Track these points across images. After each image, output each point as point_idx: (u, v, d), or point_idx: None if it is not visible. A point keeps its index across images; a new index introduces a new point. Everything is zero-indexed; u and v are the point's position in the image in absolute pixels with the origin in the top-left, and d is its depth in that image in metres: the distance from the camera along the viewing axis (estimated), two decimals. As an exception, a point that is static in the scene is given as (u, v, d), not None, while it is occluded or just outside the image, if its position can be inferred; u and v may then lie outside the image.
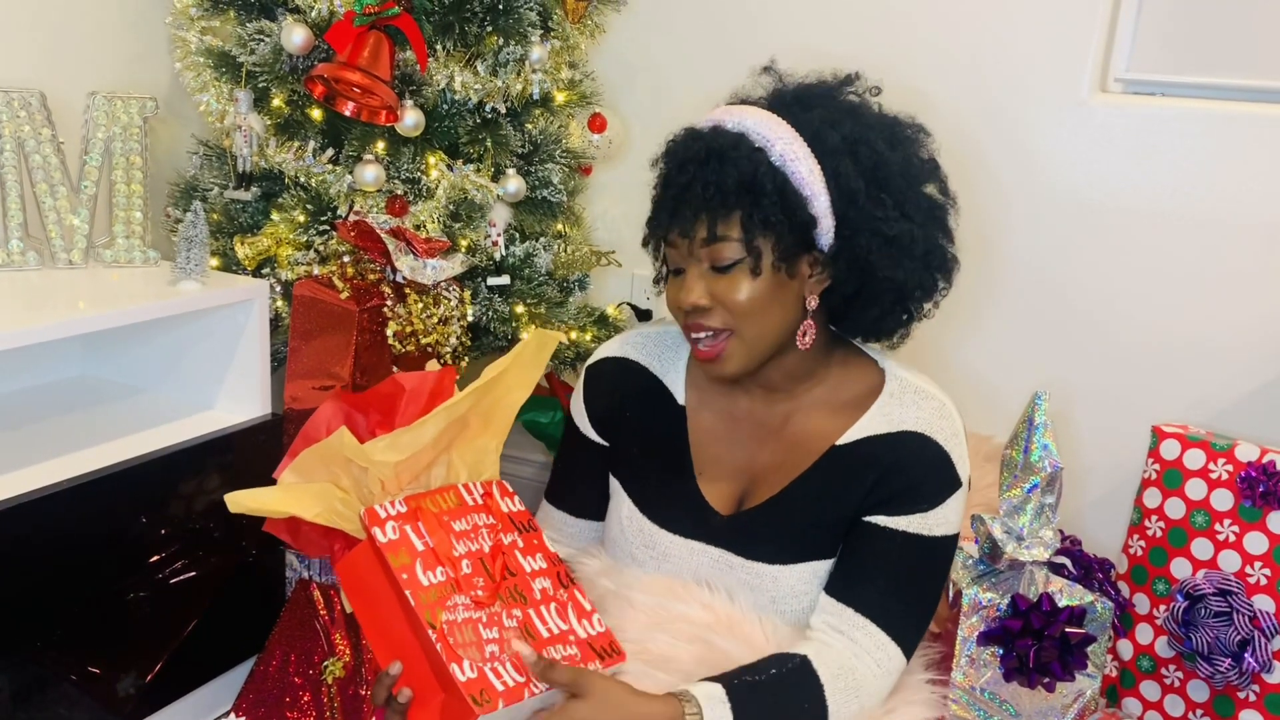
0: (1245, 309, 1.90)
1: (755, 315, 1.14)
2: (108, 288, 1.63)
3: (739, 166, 1.11)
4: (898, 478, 1.17)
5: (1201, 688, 1.67)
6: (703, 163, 1.12)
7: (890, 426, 1.20)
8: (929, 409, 1.20)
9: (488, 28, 1.84)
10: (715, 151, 1.13)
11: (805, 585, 1.21)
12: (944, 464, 1.18)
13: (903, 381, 1.23)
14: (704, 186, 1.11)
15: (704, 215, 1.13)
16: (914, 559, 1.18)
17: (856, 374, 1.25)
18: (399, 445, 1.12)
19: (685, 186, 1.13)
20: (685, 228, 1.14)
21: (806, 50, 2.17)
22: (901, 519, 1.18)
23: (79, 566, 1.50)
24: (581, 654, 1.13)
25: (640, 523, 1.29)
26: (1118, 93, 2.01)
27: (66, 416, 1.73)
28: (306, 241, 1.82)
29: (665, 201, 1.16)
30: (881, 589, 1.17)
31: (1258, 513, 1.63)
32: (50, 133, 1.64)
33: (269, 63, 1.76)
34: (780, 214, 1.12)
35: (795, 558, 1.21)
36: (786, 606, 1.22)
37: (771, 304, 1.15)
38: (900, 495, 1.17)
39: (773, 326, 1.16)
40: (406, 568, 1.07)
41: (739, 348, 1.16)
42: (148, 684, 1.60)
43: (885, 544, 1.18)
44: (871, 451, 1.19)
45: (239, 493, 1.10)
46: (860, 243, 1.16)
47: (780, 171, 1.13)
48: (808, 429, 1.23)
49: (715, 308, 1.15)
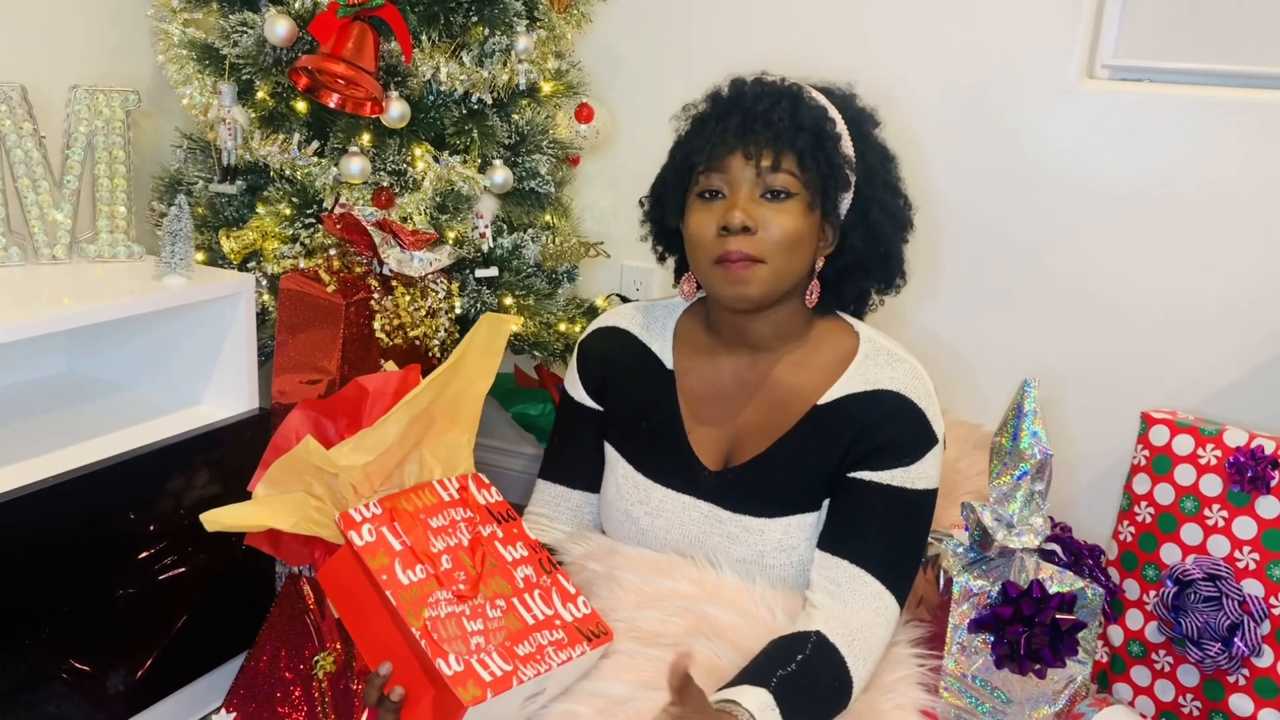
0: (1233, 294, 1.90)
1: (789, 250, 1.21)
2: (92, 283, 1.62)
3: (811, 111, 1.22)
4: (878, 433, 1.23)
5: (1191, 672, 1.68)
6: (777, 99, 1.22)
7: (867, 385, 1.25)
8: (903, 371, 1.26)
9: (473, 18, 1.83)
10: (789, 94, 1.23)
11: (791, 539, 1.25)
12: (920, 421, 1.23)
13: (876, 344, 1.29)
14: (780, 118, 1.20)
15: (774, 144, 1.20)
16: (900, 511, 1.23)
17: (834, 337, 1.31)
18: (364, 447, 1.12)
19: (759, 115, 1.20)
20: (752, 150, 1.20)
21: (794, 38, 2.18)
22: (885, 473, 1.23)
23: (67, 564, 1.49)
24: (569, 637, 1.14)
25: (636, 479, 1.33)
26: (1104, 79, 2.01)
27: (52, 413, 1.72)
28: (292, 235, 1.81)
29: (731, 126, 1.22)
30: (873, 540, 1.22)
31: (1246, 497, 1.64)
32: (32, 127, 1.63)
33: (252, 55, 1.75)
34: (837, 163, 1.22)
35: (780, 511, 1.26)
36: (773, 560, 1.26)
37: (803, 246, 1.22)
38: (882, 450, 1.23)
39: (796, 267, 1.23)
40: (385, 568, 1.08)
41: (767, 274, 1.21)
42: (137, 681, 1.60)
43: (873, 498, 1.23)
44: (850, 409, 1.25)
45: (215, 511, 1.10)
46: (874, 217, 1.26)
47: (835, 131, 1.24)
48: (789, 389, 1.29)
49: (759, 233, 1.20)
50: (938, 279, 2.12)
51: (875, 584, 1.21)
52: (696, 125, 1.27)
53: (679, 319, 1.37)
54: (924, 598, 1.38)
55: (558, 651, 1.12)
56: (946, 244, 2.11)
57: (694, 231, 1.23)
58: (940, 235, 2.10)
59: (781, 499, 1.26)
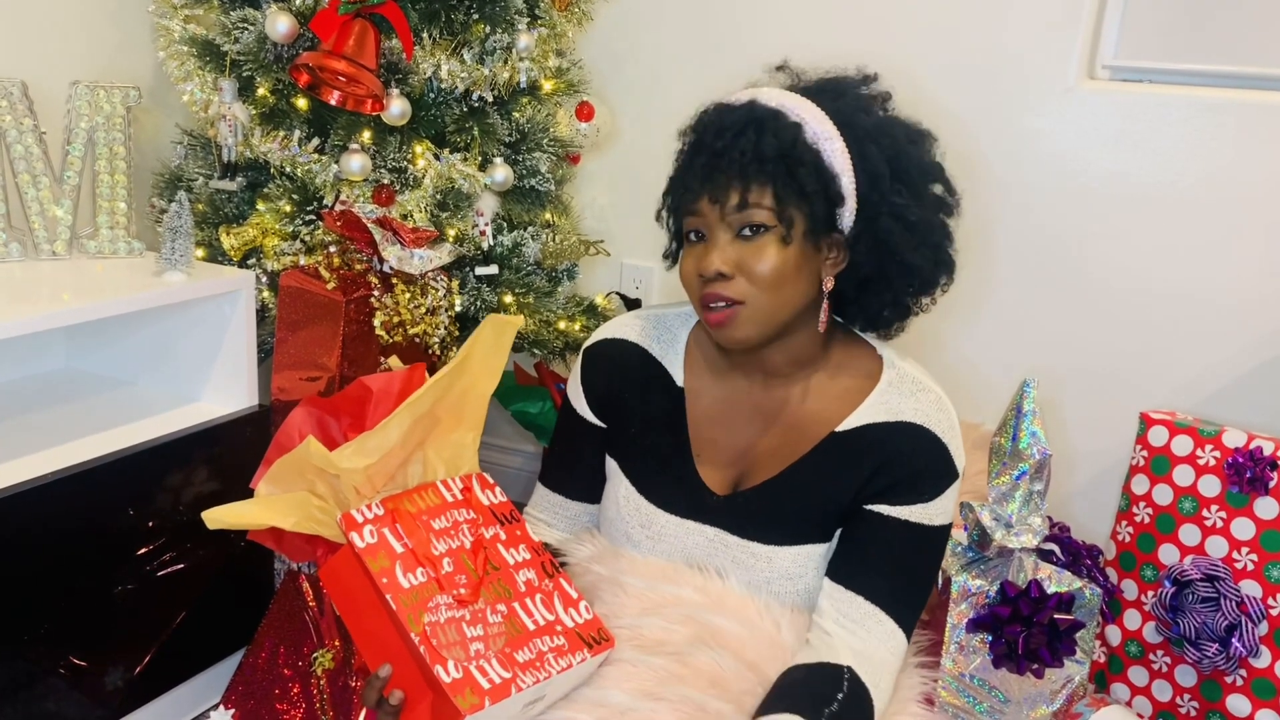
0: (1232, 295, 1.90)
1: (776, 287, 1.15)
2: (92, 279, 1.62)
3: (778, 136, 1.14)
4: (899, 468, 1.19)
5: (1189, 672, 1.68)
6: (740, 131, 1.15)
7: (890, 416, 1.21)
8: (927, 401, 1.22)
9: (474, 15, 1.83)
10: (754, 121, 1.15)
11: (799, 568, 1.23)
12: (942, 456, 1.20)
13: (901, 371, 1.25)
14: (742, 153, 1.14)
15: (739, 182, 1.14)
16: (915, 547, 1.20)
17: (856, 361, 1.26)
18: (366, 449, 1.11)
19: (721, 152, 1.15)
20: (718, 193, 1.15)
21: (793, 38, 2.18)
22: (903, 509, 1.19)
23: (66, 559, 1.49)
24: (569, 643, 1.13)
25: (637, 502, 1.30)
26: (1105, 80, 2.01)
27: (51, 409, 1.72)
28: (293, 232, 1.81)
29: (697, 167, 1.17)
30: (887, 577, 1.20)
31: (1244, 498, 1.64)
32: (32, 122, 1.63)
33: (253, 51, 1.75)
34: (814, 186, 1.15)
35: (790, 540, 1.23)
36: (779, 588, 1.23)
37: (793, 277, 1.16)
38: (901, 485, 1.19)
39: (788, 300, 1.17)
40: (386, 571, 1.07)
41: (749, 315, 1.16)
42: (136, 677, 1.60)
43: (888, 533, 1.20)
44: (871, 439, 1.21)
45: (216, 509, 1.09)
46: (882, 225, 1.19)
47: (814, 147, 1.16)
48: (807, 414, 1.24)
49: (736, 277, 1.15)
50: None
51: (889, 622, 1.19)
52: (677, 162, 1.23)
53: (691, 332, 1.33)
54: (922, 597, 1.38)
55: (558, 658, 1.11)
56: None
57: (682, 275, 1.21)
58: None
59: (792, 527, 1.23)
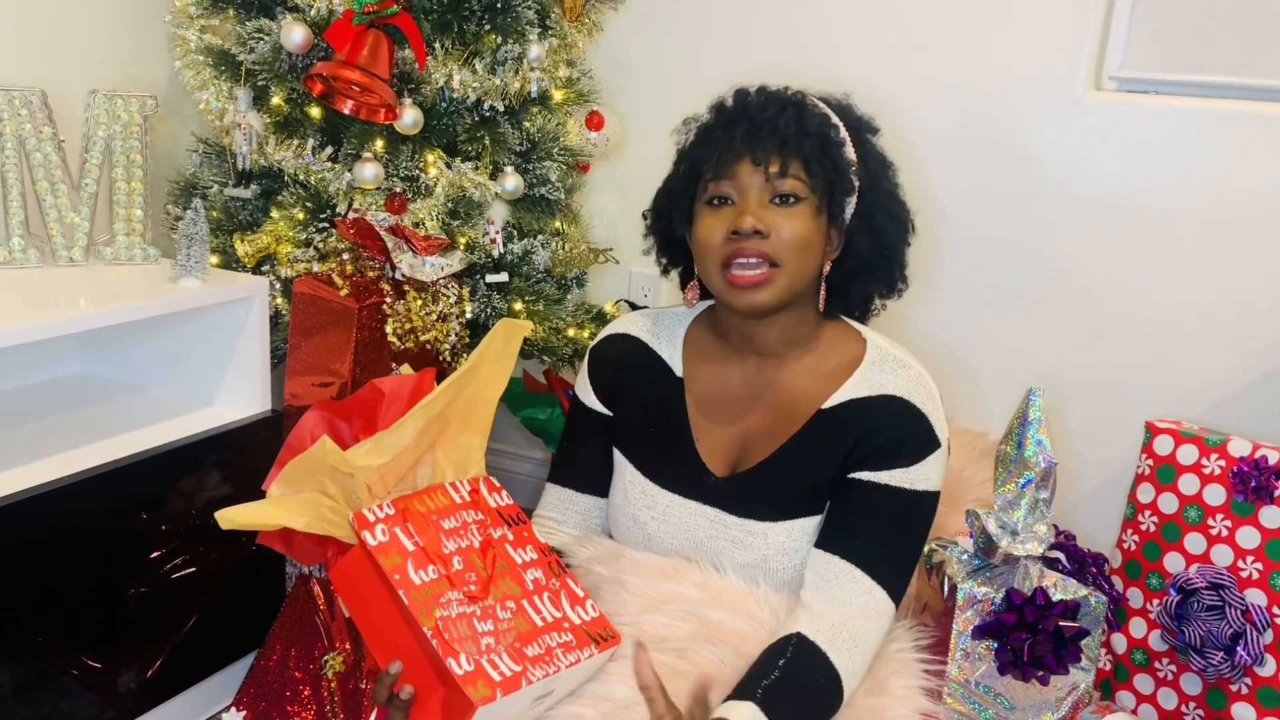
0: (1237, 305, 1.91)
1: (801, 253, 1.22)
2: (108, 285, 1.64)
3: (816, 118, 1.25)
4: (879, 435, 1.24)
5: (1194, 681, 1.69)
6: (783, 107, 1.25)
7: (871, 390, 1.26)
8: (908, 377, 1.27)
9: (486, 26, 1.85)
10: (794, 102, 1.26)
11: (794, 542, 1.27)
12: (922, 425, 1.24)
13: (883, 351, 1.30)
14: (786, 124, 1.22)
15: (780, 151, 1.22)
16: (897, 511, 1.24)
17: (841, 344, 1.32)
18: (380, 448, 1.14)
19: (766, 121, 1.23)
20: (761, 156, 1.22)
21: (803, 49, 2.20)
22: (884, 474, 1.23)
23: (80, 562, 1.51)
24: (577, 640, 1.15)
25: (644, 485, 1.35)
26: (1111, 90, 2.02)
27: (67, 414, 1.74)
28: (306, 239, 1.82)
29: (738, 133, 1.24)
30: (866, 538, 1.23)
31: (1250, 507, 1.64)
32: (51, 131, 1.65)
33: (268, 61, 1.77)
34: (841, 169, 1.25)
35: (784, 515, 1.27)
36: (777, 564, 1.27)
37: (812, 248, 1.24)
38: (882, 452, 1.24)
39: (807, 270, 1.24)
40: (398, 568, 1.09)
41: (780, 279, 1.22)
42: (149, 679, 1.62)
43: (869, 497, 1.24)
44: (854, 413, 1.26)
45: (229, 509, 1.11)
46: (878, 220, 1.28)
47: (837, 138, 1.26)
48: (795, 395, 1.30)
49: (770, 238, 1.21)
50: (945, 288, 2.13)
51: (865, 579, 1.22)
52: (702, 135, 1.29)
53: (689, 327, 1.39)
54: (928, 604, 1.39)
55: (566, 654, 1.13)
56: (953, 253, 2.12)
57: (703, 237, 1.25)
58: (947, 245, 2.11)
59: (786, 503, 1.27)
